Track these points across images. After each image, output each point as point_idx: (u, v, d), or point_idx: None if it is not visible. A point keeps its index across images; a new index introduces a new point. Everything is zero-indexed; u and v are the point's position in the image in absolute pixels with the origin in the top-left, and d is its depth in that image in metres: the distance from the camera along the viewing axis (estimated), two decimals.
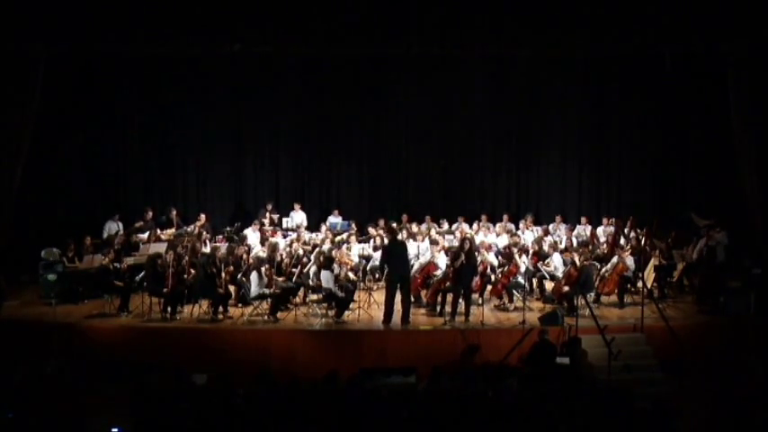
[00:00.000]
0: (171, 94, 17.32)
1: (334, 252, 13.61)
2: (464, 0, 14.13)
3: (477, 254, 13.64)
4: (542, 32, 14.21)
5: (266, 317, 12.78)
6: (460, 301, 12.76)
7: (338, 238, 15.41)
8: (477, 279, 13.42)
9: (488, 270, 13.70)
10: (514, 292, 13.66)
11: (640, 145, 17.67)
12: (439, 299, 13.22)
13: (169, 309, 12.80)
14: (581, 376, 10.85)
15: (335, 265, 13.13)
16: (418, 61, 16.73)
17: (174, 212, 16.36)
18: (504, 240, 15.26)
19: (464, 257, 12.64)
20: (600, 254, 14.49)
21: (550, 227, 16.55)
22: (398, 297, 12.65)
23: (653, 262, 13.89)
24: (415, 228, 15.97)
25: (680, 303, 13.91)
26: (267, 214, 16.81)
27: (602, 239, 15.58)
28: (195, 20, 13.86)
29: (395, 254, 12.91)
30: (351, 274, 13.51)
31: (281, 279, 13.26)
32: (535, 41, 14.45)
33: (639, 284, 13.51)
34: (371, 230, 15.79)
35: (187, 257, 13.37)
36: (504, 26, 14.14)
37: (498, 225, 16.37)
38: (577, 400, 8.85)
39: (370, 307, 13.28)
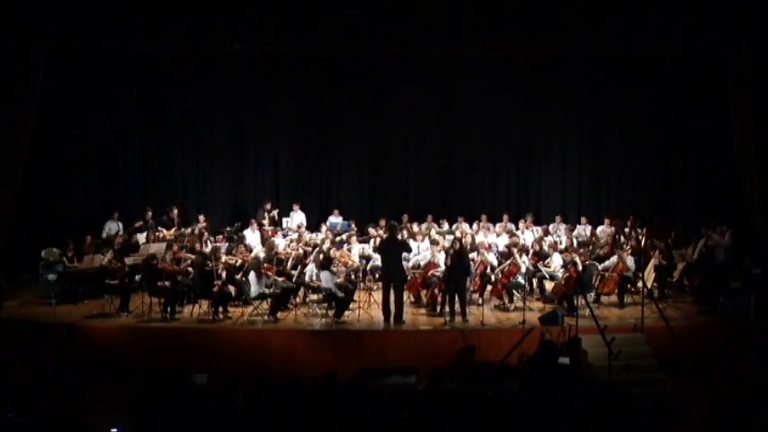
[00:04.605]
0: (171, 93, 17.34)
1: (332, 252, 13.61)
2: (464, 0, 14.13)
3: (476, 254, 13.66)
4: (542, 32, 14.19)
5: (266, 317, 12.79)
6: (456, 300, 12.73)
7: (338, 238, 15.42)
8: (476, 279, 13.45)
9: (488, 270, 13.71)
10: (514, 292, 13.67)
11: (640, 145, 17.65)
12: (439, 299, 13.23)
13: (169, 309, 12.81)
14: (581, 376, 10.84)
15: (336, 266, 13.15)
16: (419, 61, 16.72)
17: (176, 212, 16.37)
18: (504, 240, 15.27)
19: (452, 257, 12.62)
20: (600, 254, 14.49)
21: (550, 227, 16.54)
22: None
23: (653, 262, 13.91)
24: (415, 228, 15.98)
25: (680, 303, 13.92)
26: (266, 214, 16.78)
27: (603, 239, 15.57)
28: (195, 19, 13.85)
29: (385, 252, 12.92)
30: (351, 275, 13.53)
31: (280, 279, 13.27)
32: (535, 41, 14.43)
33: (639, 284, 13.52)
34: (371, 230, 15.78)
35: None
36: (504, 26, 14.13)
37: (498, 225, 16.36)
38: (577, 400, 8.85)
39: (370, 307, 13.28)
